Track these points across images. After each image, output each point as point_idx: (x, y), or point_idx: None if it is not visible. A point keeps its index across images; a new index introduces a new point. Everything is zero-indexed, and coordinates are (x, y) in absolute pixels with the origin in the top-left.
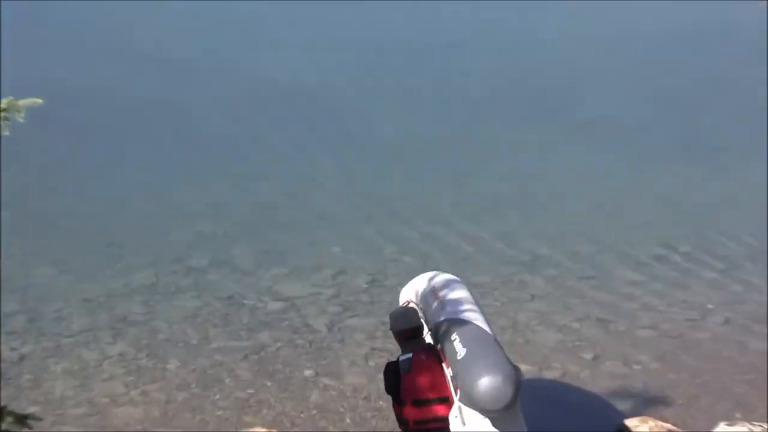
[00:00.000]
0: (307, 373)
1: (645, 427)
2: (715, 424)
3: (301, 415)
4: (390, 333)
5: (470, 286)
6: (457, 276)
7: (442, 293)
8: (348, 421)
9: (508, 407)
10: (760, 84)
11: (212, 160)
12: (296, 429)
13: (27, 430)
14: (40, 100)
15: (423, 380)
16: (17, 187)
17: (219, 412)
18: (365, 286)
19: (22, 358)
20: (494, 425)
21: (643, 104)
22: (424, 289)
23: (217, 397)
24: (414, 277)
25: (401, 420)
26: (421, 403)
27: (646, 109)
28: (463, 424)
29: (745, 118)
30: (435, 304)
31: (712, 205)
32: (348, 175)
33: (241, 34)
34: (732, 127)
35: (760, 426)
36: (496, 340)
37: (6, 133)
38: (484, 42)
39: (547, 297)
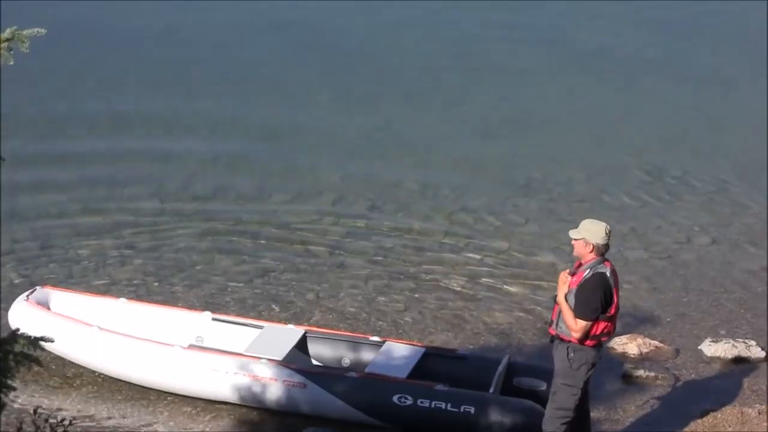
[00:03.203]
0: (309, 296)
1: (633, 345)
2: (700, 341)
3: None
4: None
5: (467, 211)
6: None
7: None
8: None
9: None
10: (756, 13)
11: (211, 88)
12: None
13: (40, 351)
14: (44, 30)
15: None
16: (20, 119)
17: None
18: (364, 211)
19: (32, 284)
20: None
21: (639, 34)
22: None
23: None
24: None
25: (589, 336)
26: (612, 317)
27: (642, 39)
28: None
29: (739, 47)
30: None
31: (702, 130)
32: (346, 101)
33: None
34: (725, 55)
35: (744, 342)
36: None
37: (11, 62)
38: None
39: (540, 221)
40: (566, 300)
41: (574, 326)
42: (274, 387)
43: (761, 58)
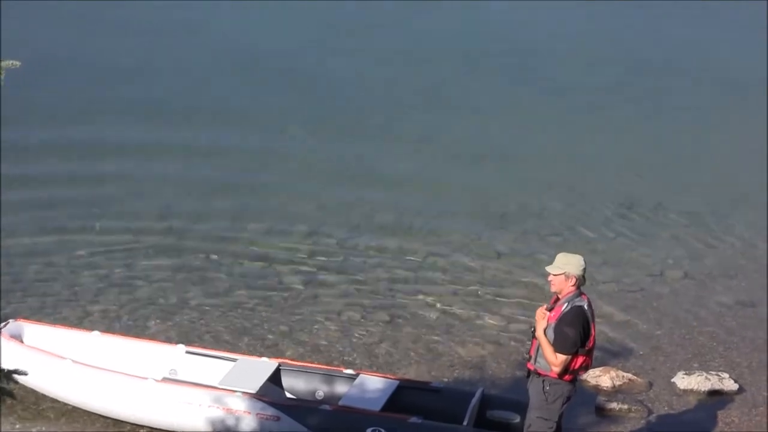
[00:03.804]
0: (283, 328)
1: (607, 377)
2: (673, 373)
3: None
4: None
5: (442, 243)
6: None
7: None
8: None
9: None
10: (726, 48)
11: (186, 121)
12: None
13: (14, 384)
14: (18, 63)
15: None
16: None
17: None
18: (338, 244)
19: (5, 317)
20: None
21: (611, 67)
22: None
23: None
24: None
25: (568, 370)
26: (590, 351)
27: (614, 72)
28: None
29: (710, 81)
30: None
31: (675, 163)
32: (320, 134)
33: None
34: (696, 90)
35: (717, 375)
36: None
37: None
38: (454, 4)
39: (514, 253)
40: (545, 335)
41: (555, 361)
42: (247, 420)
43: (733, 92)
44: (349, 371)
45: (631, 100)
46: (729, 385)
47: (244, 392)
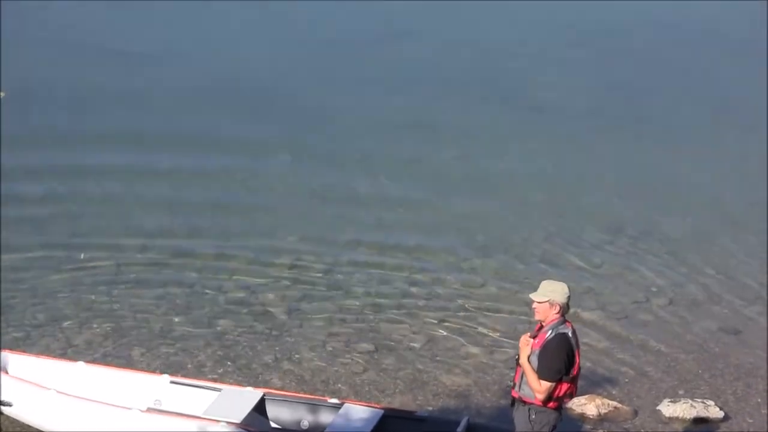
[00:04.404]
0: (267, 358)
1: (592, 405)
2: (659, 401)
3: None
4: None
5: (426, 271)
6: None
7: None
8: None
9: None
10: (712, 70)
11: (168, 150)
12: None
13: None
14: (3, 93)
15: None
16: None
17: None
18: (322, 273)
19: None
20: None
21: (594, 90)
22: None
23: None
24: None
25: (552, 398)
26: (575, 378)
27: (597, 95)
28: None
29: (695, 104)
30: None
31: (659, 190)
32: (302, 162)
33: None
34: (680, 113)
35: (702, 402)
36: None
37: None
38: (436, 32)
39: (498, 281)
40: (529, 362)
41: (539, 388)
42: None
43: (717, 117)
44: (334, 400)
45: (615, 126)
46: (714, 412)
47: (228, 422)
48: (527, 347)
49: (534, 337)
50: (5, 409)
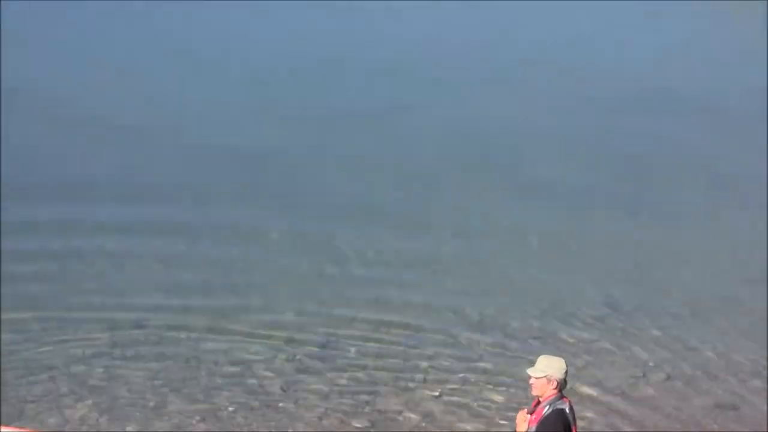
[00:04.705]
0: None
1: None
2: None
3: None
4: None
5: (421, 348)
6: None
7: None
8: None
9: None
10: (706, 146)
11: (163, 222)
12: None
13: None
14: None
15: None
16: None
17: None
18: (318, 348)
19: None
20: None
21: (588, 165)
22: None
23: None
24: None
25: None
26: None
27: (591, 170)
28: None
29: (689, 179)
30: None
31: (655, 265)
32: (300, 236)
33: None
34: (674, 187)
35: None
36: None
37: None
38: (432, 107)
39: (494, 357)
40: None
41: None
42: None
43: (712, 192)
44: None
45: (610, 201)
46: None
47: None
48: (524, 423)
49: (531, 413)
50: None
